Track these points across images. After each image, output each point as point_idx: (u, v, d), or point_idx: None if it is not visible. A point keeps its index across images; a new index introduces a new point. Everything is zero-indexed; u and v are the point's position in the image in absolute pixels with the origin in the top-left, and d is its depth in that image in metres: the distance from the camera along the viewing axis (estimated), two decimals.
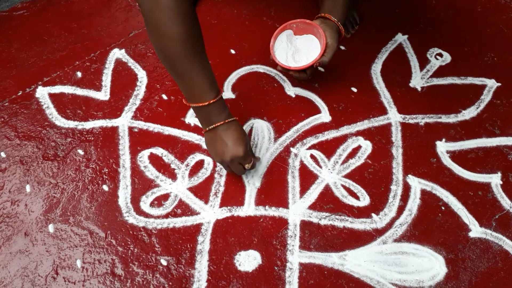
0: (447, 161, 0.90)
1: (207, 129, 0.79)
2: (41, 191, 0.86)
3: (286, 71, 0.92)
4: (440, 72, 1.04)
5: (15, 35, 1.11)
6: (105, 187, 0.86)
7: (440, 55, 1.07)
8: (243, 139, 0.79)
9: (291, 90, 1.01)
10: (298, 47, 0.92)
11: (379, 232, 0.81)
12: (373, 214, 0.83)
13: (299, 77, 0.92)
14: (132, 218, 0.82)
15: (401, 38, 1.11)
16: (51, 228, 0.81)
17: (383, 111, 0.97)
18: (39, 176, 0.87)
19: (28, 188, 0.86)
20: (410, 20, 1.15)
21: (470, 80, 1.03)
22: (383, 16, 1.16)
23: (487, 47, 1.09)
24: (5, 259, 0.78)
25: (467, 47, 1.09)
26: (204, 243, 0.79)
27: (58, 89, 1.00)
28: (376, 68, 1.05)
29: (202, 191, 0.86)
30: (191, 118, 0.96)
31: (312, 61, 0.88)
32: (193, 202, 0.84)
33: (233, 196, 0.85)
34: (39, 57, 1.06)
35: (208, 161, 0.90)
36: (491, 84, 1.02)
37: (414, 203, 0.84)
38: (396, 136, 0.93)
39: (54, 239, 0.80)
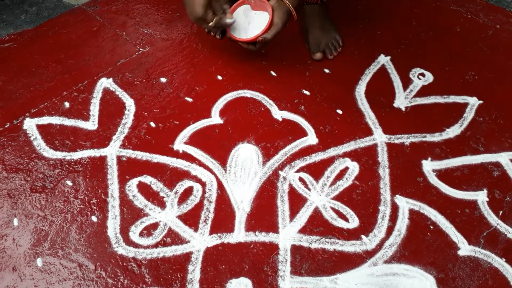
0: (433, 179, 0.91)
1: None
2: (29, 224, 0.85)
3: (234, 42, 1.03)
4: (423, 91, 1.07)
5: (2, 67, 1.12)
6: (94, 218, 0.86)
7: (423, 75, 1.10)
8: (198, 1, 0.91)
9: (278, 114, 1.02)
10: (251, 22, 1.01)
11: (369, 253, 0.81)
12: (362, 236, 0.83)
13: (248, 48, 1.03)
14: (121, 249, 0.82)
15: (383, 59, 1.13)
16: (39, 262, 0.80)
17: (368, 132, 0.99)
18: (27, 209, 0.87)
19: (15, 221, 0.85)
20: (392, 41, 1.18)
21: (453, 98, 1.05)
22: (365, 38, 1.19)
23: (468, 66, 1.12)
24: None
25: (448, 67, 1.12)
26: (194, 272, 0.79)
27: (45, 120, 1.01)
28: (360, 90, 1.07)
29: (191, 218, 0.86)
30: (179, 144, 0.97)
31: (254, 36, 0.98)
32: (183, 230, 0.84)
33: (223, 222, 0.85)
34: (27, 88, 1.07)
35: (197, 188, 0.90)
36: (473, 102, 1.04)
37: (402, 223, 0.85)
38: (383, 156, 0.95)
39: (43, 273, 0.79)
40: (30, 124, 1.00)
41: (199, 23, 1.00)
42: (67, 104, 1.04)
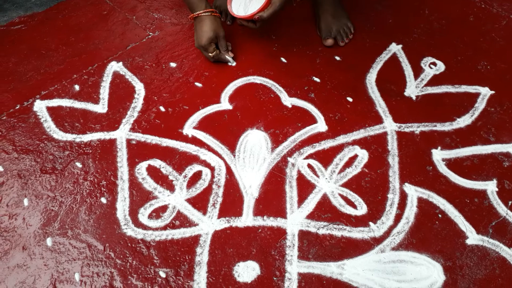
0: (443, 169, 0.91)
1: (189, 17, 1.04)
2: (39, 205, 0.86)
3: (241, 26, 1.05)
4: (435, 80, 1.05)
5: (13, 49, 1.12)
6: (103, 200, 0.86)
7: (434, 64, 1.09)
8: (207, 31, 1.01)
9: (288, 101, 1.02)
10: (252, 0, 1.01)
11: (377, 240, 0.81)
12: (370, 223, 0.83)
13: (247, 26, 1.02)
14: (130, 231, 0.82)
15: (395, 47, 1.12)
16: (49, 241, 0.81)
17: (378, 120, 0.98)
18: (37, 190, 0.88)
19: (26, 201, 0.86)
20: (404, 30, 1.17)
21: (464, 88, 1.04)
22: (377, 26, 1.18)
23: (480, 56, 1.11)
24: (3, 273, 0.78)
25: (461, 56, 1.11)
26: (202, 255, 0.79)
27: (56, 102, 1.01)
28: (371, 78, 1.06)
29: (200, 202, 0.86)
30: (188, 129, 0.97)
31: (250, 14, 0.98)
32: (191, 213, 0.85)
33: (231, 206, 0.86)
34: (37, 70, 1.07)
35: (206, 172, 0.90)
36: (485, 92, 1.03)
37: (411, 211, 0.85)
38: (392, 144, 0.94)
39: (52, 253, 0.80)
40: (40, 106, 1.00)
41: (201, 50, 1.06)
42: (77, 87, 1.04)
